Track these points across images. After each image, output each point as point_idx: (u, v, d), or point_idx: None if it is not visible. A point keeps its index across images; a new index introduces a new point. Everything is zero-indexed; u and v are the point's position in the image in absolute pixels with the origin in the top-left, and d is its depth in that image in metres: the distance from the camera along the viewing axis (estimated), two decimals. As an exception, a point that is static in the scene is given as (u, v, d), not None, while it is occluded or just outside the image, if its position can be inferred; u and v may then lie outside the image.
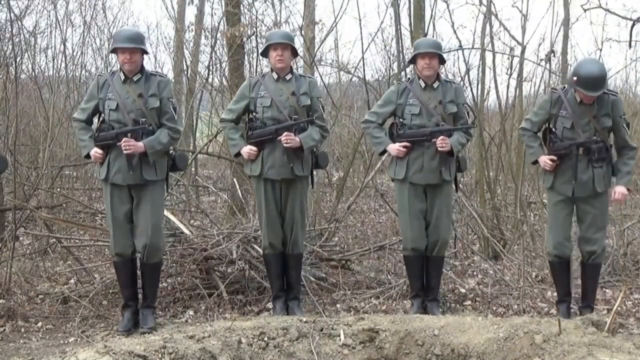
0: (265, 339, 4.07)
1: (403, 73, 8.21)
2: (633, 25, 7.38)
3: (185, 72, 10.84)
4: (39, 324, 5.13)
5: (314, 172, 5.40)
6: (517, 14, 9.75)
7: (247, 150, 5.09)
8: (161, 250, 4.99)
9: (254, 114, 5.12)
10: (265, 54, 5.23)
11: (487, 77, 8.07)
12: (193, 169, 9.51)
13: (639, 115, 9.88)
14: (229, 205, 7.95)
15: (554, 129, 5.00)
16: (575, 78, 4.79)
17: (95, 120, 4.98)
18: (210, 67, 9.81)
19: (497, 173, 8.14)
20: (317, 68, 9.86)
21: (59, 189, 8.45)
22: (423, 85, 5.16)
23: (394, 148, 5.12)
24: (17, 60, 8.57)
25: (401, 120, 5.15)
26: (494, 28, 8.00)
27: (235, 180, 7.75)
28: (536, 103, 5.74)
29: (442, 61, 5.30)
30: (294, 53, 5.25)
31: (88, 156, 4.88)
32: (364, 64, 9.62)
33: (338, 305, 5.56)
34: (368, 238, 7.65)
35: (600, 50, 8.34)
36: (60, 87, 9.87)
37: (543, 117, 5.06)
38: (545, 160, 4.99)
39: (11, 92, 7.61)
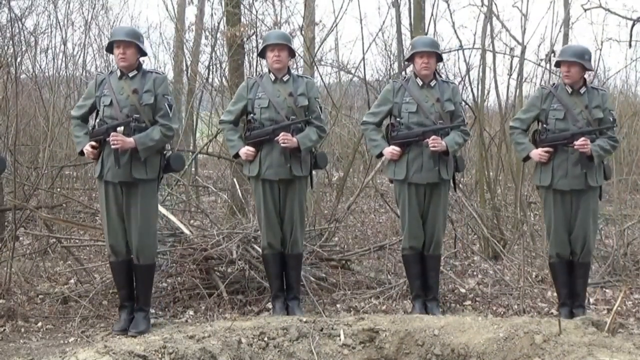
0: (265, 339, 4.07)
1: (404, 73, 8.21)
2: (633, 25, 7.38)
3: (186, 72, 10.85)
4: (39, 324, 5.12)
5: (314, 173, 5.40)
6: (517, 14, 9.76)
7: (245, 151, 5.09)
8: (152, 252, 4.87)
9: (252, 115, 5.12)
10: (262, 54, 5.24)
11: (488, 77, 8.09)
12: (193, 169, 9.52)
13: (639, 115, 9.89)
14: (229, 205, 7.95)
15: (545, 125, 5.02)
16: (557, 54, 5.12)
17: (92, 118, 4.95)
18: (210, 67, 9.82)
19: (497, 173, 8.14)
20: (317, 68, 9.86)
21: (59, 189, 8.44)
22: (420, 83, 5.15)
23: (388, 151, 5.14)
24: (18, 60, 8.57)
25: (398, 119, 5.15)
26: (495, 28, 8.02)
27: (235, 180, 7.75)
28: (526, 101, 5.76)
29: (440, 59, 5.31)
30: (291, 53, 5.25)
31: (82, 153, 4.85)
32: (364, 64, 9.66)
33: (338, 305, 5.56)
34: (368, 238, 7.65)
35: (600, 50, 8.33)
36: (60, 87, 9.87)
37: (533, 113, 5.11)
38: (539, 152, 5.00)
39: (11, 92, 7.59)
